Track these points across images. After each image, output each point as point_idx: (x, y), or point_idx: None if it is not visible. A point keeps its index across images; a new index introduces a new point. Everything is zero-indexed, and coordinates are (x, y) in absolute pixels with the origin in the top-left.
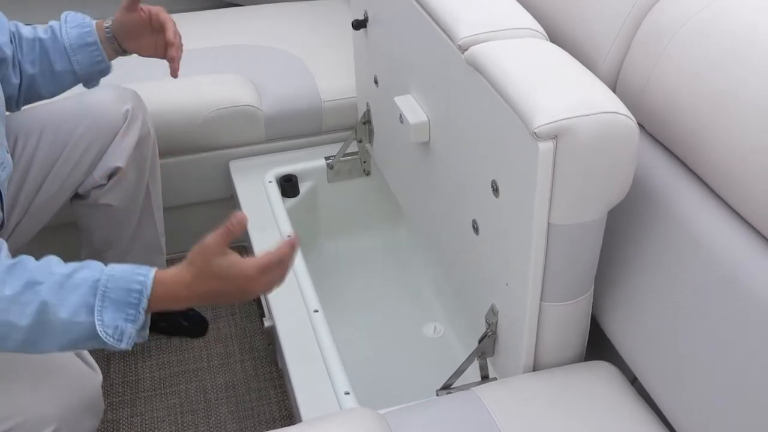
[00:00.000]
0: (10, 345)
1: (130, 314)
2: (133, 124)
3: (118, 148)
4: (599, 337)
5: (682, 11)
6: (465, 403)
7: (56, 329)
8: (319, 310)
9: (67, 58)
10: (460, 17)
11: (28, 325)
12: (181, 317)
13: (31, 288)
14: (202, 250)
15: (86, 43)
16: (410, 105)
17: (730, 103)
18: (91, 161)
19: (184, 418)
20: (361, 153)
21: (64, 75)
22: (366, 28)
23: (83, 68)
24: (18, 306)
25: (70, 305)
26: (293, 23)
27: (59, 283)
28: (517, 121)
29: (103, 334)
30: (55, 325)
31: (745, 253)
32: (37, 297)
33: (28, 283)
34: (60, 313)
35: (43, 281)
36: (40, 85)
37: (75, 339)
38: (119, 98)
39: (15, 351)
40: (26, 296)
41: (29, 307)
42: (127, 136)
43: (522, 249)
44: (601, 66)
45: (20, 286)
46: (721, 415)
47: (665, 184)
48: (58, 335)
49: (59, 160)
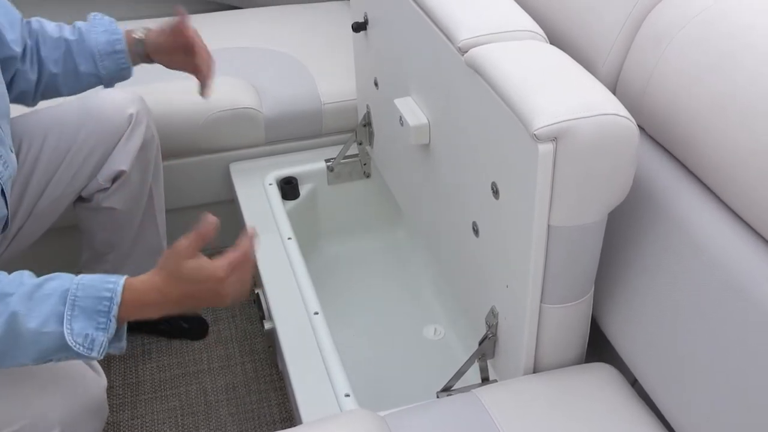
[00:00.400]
0: None
1: (101, 322)
2: (137, 127)
3: (122, 152)
4: (599, 339)
5: (682, 14)
6: (465, 405)
7: (26, 340)
8: (320, 312)
9: (94, 62)
10: (459, 19)
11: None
12: (182, 319)
13: (2, 300)
14: (172, 253)
15: (114, 51)
16: (410, 107)
17: (729, 106)
18: (95, 165)
19: (184, 421)
20: (361, 155)
21: (88, 77)
22: (366, 30)
23: (108, 73)
24: None
25: (40, 315)
26: (293, 26)
27: (28, 293)
28: (517, 123)
29: (72, 343)
30: (24, 336)
31: (745, 255)
32: (7, 308)
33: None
34: (29, 323)
35: (13, 292)
36: (62, 84)
37: (45, 349)
38: (124, 102)
39: None
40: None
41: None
42: (131, 139)
43: (522, 251)
44: (601, 68)
45: None
46: (721, 416)
47: (665, 186)
48: (28, 346)
49: (63, 163)
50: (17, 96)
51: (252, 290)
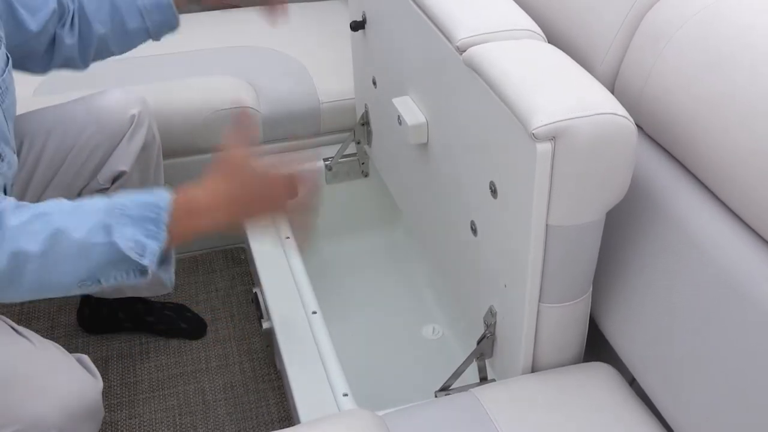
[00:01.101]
0: (25, 279)
1: (150, 230)
2: (139, 128)
3: (124, 153)
4: (598, 338)
5: (680, 13)
6: (463, 404)
7: (72, 254)
8: (318, 312)
9: (141, 17)
10: (458, 19)
11: (41, 251)
12: (180, 320)
13: (41, 217)
14: (215, 155)
15: (161, 4)
16: (408, 106)
17: (727, 105)
18: (96, 165)
19: (182, 420)
20: (359, 154)
21: (137, 33)
22: (364, 29)
23: (155, 26)
24: (27, 234)
25: (86, 226)
26: (292, 25)
27: (70, 210)
28: (515, 122)
29: (125, 246)
30: (70, 251)
31: (743, 255)
32: (49, 224)
33: (37, 214)
34: (75, 234)
35: (53, 212)
36: (112, 44)
37: (94, 264)
38: (126, 102)
39: (30, 290)
40: (35, 225)
41: (41, 234)
42: (132, 140)
43: (520, 250)
44: (599, 67)
45: (29, 215)
46: (719, 416)
47: (663, 186)
48: (76, 261)
49: (65, 163)
50: (63, 63)
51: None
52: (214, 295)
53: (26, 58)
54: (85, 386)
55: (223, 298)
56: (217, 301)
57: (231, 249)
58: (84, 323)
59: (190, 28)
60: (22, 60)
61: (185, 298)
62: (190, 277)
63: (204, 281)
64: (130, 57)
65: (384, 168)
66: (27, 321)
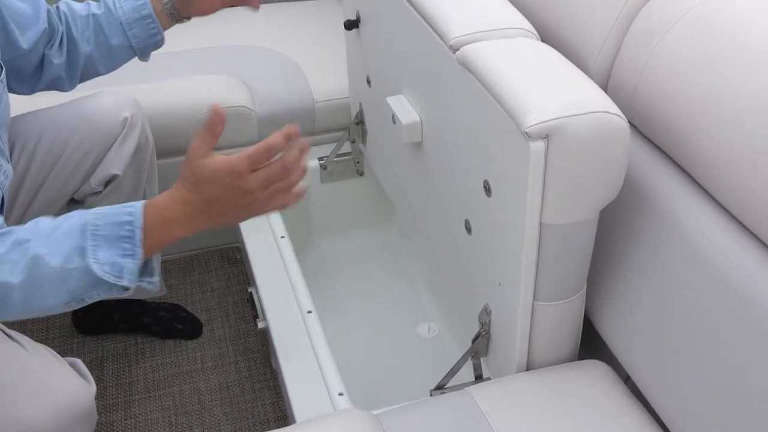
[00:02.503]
0: (12, 307)
1: (126, 249)
2: (131, 131)
3: (116, 156)
4: (592, 336)
5: (673, 11)
6: (458, 403)
7: (52, 281)
8: (313, 311)
9: (123, 32)
10: (451, 17)
11: (22, 281)
12: (176, 320)
13: (19, 246)
14: (186, 158)
15: (141, 17)
16: (402, 105)
17: (720, 103)
18: (88, 168)
19: (178, 420)
20: (354, 153)
21: (121, 50)
22: (358, 28)
23: (139, 42)
24: (8, 264)
25: (62, 252)
26: (286, 24)
27: (47, 235)
28: (509, 120)
29: (100, 272)
30: (50, 278)
31: (737, 253)
32: (26, 253)
33: (15, 242)
34: (52, 262)
35: (30, 238)
36: (98, 63)
37: (74, 288)
38: (118, 105)
39: (19, 314)
40: (14, 254)
41: (20, 264)
42: (125, 143)
43: (514, 249)
44: (593, 65)
45: (8, 245)
46: (714, 413)
47: (657, 184)
48: (55, 287)
49: (56, 166)
50: (50, 83)
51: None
52: (210, 294)
53: (13, 77)
54: (78, 391)
55: (219, 298)
56: (213, 301)
57: (226, 248)
58: (79, 324)
59: (184, 27)
60: (9, 79)
61: (180, 298)
62: (185, 276)
63: (199, 281)
64: None
65: (378, 167)
66: (21, 322)
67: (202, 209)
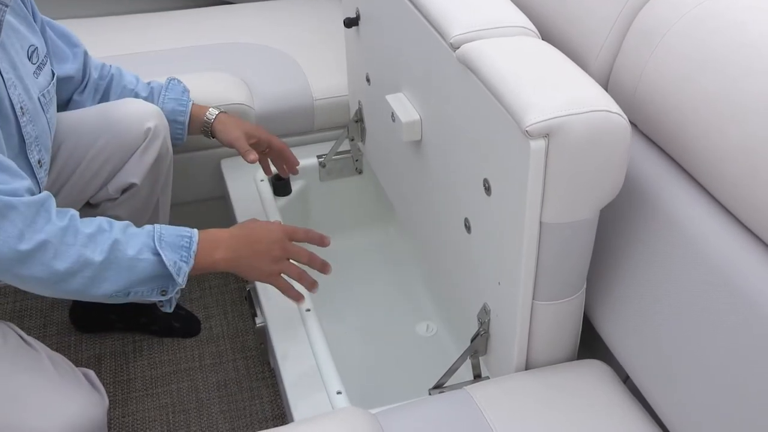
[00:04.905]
0: (74, 284)
1: (183, 255)
2: (153, 141)
3: (136, 165)
4: (592, 335)
5: (674, 10)
6: (457, 402)
7: (122, 266)
8: (311, 309)
9: None
10: (451, 15)
11: (101, 261)
12: (174, 319)
13: (102, 231)
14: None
15: (175, 120)
16: (402, 103)
17: (721, 102)
18: (107, 175)
19: (175, 418)
20: (353, 151)
21: None
22: (358, 26)
23: None
24: (94, 243)
25: (136, 244)
26: (285, 21)
27: (122, 228)
28: (509, 119)
29: (169, 263)
30: (122, 263)
31: (736, 252)
32: (110, 236)
33: (100, 226)
34: (128, 250)
35: (108, 228)
36: None
37: (136, 278)
38: (143, 115)
39: (69, 292)
40: (101, 236)
41: (104, 245)
42: (146, 153)
43: (514, 248)
44: (593, 64)
45: (94, 227)
46: (713, 413)
47: (657, 183)
48: (122, 272)
49: (77, 171)
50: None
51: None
52: (208, 292)
53: None
54: (91, 403)
55: (217, 296)
56: (211, 299)
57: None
58: (76, 322)
59: (183, 24)
60: None
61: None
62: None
63: (197, 279)
64: (124, 54)
65: (378, 165)
66: (20, 318)
67: (245, 242)
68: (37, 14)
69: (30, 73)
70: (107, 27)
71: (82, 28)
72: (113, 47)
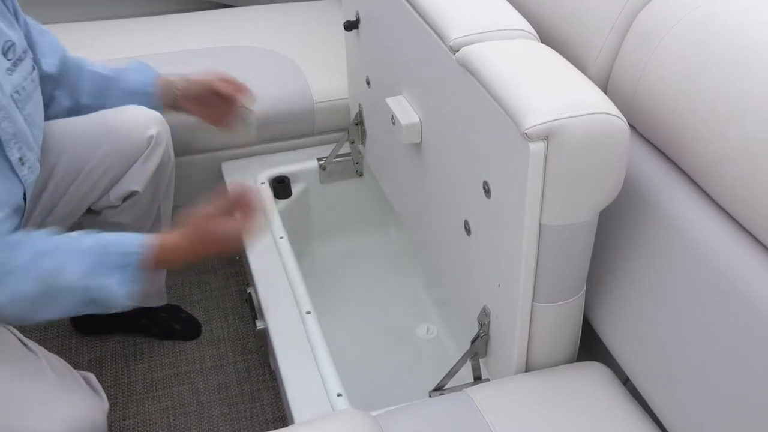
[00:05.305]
0: (19, 314)
1: (125, 276)
2: (155, 149)
3: (138, 173)
4: (591, 337)
5: (672, 13)
6: (457, 404)
7: (65, 293)
8: (312, 312)
9: (124, 100)
10: (451, 18)
11: (36, 290)
12: (175, 321)
13: (41, 257)
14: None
15: (145, 92)
16: (402, 106)
17: (720, 104)
18: (108, 182)
19: (176, 421)
20: (353, 154)
21: None
22: (358, 29)
23: None
24: (23, 273)
25: (80, 268)
26: (285, 24)
27: (66, 250)
28: (508, 122)
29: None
30: (65, 289)
31: (736, 254)
32: (45, 264)
33: (38, 252)
34: (71, 275)
35: (50, 250)
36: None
37: (79, 301)
38: (145, 122)
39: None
40: (35, 264)
41: (39, 275)
42: (148, 161)
43: (514, 250)
44: (592, 67)
45: (29, 255)
46: (713, 415)
47: (657, 185)
48: (65, 298)
49: (78, 178)
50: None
51: (245, 289)
52: (209, 295)
53: None
54: (91, 407)
55: (218, 299)
56: (212, 302)
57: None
58: (77, 324)
59: (183, 27)
60: None
61: (179, 298)
62: (184, 277)
63: (198, 281)
64: (124, 58)
65: (378, 168)
66: None
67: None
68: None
69: (2, 70)
70: (107, 30)
71: (83, 31)
72: (113, 51)
